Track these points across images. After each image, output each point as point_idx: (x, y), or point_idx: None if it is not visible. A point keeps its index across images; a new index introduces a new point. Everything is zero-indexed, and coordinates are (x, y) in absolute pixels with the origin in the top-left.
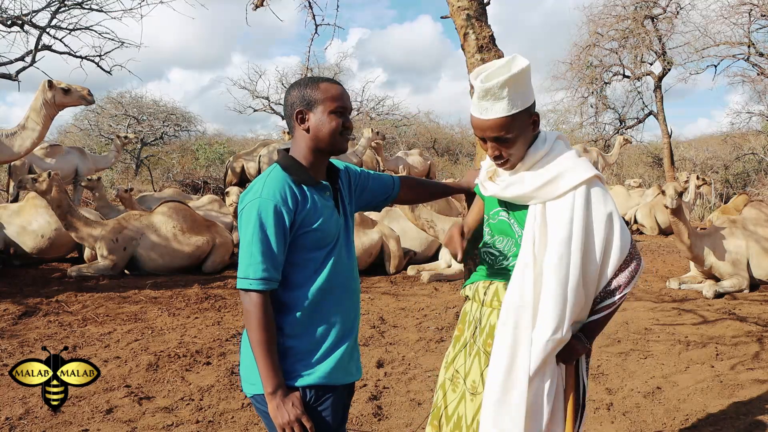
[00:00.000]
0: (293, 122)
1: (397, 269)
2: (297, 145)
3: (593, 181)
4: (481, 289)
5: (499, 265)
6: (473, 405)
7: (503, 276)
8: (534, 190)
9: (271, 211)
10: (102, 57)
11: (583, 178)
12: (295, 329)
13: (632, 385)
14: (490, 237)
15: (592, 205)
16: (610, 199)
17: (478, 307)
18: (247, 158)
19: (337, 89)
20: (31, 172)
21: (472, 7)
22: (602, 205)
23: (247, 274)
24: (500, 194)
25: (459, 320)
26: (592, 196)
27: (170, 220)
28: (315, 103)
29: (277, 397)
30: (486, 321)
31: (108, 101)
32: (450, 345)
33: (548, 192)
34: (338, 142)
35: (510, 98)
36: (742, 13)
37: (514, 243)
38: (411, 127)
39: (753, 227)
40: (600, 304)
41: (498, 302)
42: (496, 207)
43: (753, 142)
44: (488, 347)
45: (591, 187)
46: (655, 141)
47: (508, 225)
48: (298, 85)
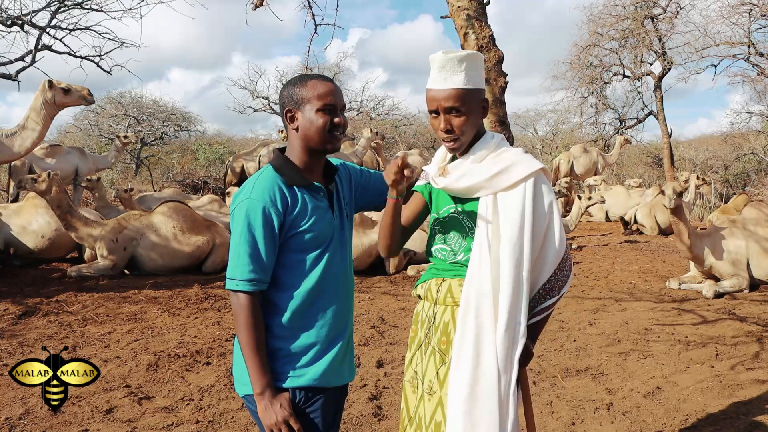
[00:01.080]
0: (285, 121)
1: (397, 269)
2: (291, 144)
3: (540, 173)
4: (434, 287)
5: (451, 260)
6: (430, 405)
7: (455, 272)
8: (487, 179)
9: (259, 212)
10: (102, 57)
11: (534, 168)
12: (285, 330)
13: (632, 385)
14: (440, 234)
15: (540, 196)
16: (552, 191)
17: (430, 306)
18: (247, 158)
19: (325, 86)
20: (31, 172)
21: (472, 7)
22: (547, 196)
23: (234, 275)
24: (452, 186)
25: (412, 321)
26: (541, 187)
27: (170, 220)
28: (303, 102)
29: (265, 397)
30: (440, 319)
31: (108, 101)
32: (408, 348)
33: (501, 182)
34: (328, 140)
35: (467, 74)
36: (742, 13)
37: (465, 237)
38: (411, 127)
39: (753, 227)
40: (540, 305)
41: (451, 299)
42: (447, 204)
43: (753, 142)
44: (442, 345)
45: (539, 178)
46: (655, 141)
47: (458, 220)
48: (289, 84)
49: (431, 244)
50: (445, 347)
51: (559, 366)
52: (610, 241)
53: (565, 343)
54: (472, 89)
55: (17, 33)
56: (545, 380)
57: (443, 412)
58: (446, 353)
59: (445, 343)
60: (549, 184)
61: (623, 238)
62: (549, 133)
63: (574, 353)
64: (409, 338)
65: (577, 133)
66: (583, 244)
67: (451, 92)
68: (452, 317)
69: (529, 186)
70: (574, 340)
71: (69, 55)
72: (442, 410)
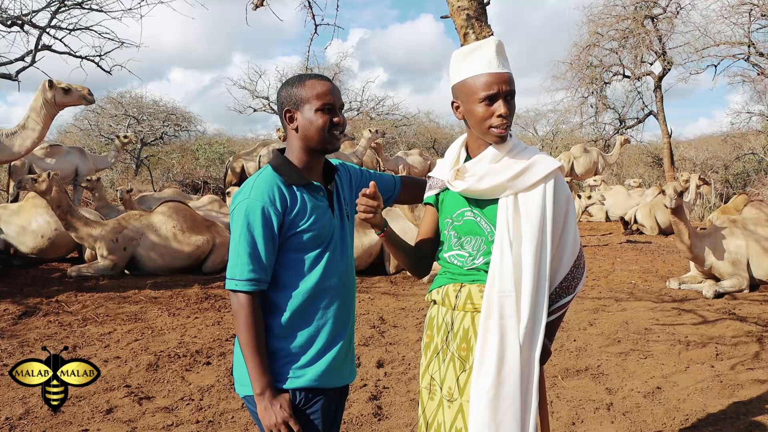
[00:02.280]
0: (284, 122)
1: (397, 269)
2: (290, 144)
3: (558, 172)
4: (452, 292)
5: (469, 266)
6: (450, 411)
7: (474, 278)
8: (509, 179)
9: (258, 212)
10: (102, 57)
11: (553, 167)
12: (285, 330)
13: (632, 385)
14: (456, 240)
15: (559, 194)
16: (568, 189)
17: (448, 311)
18: (247, 158)
19: (323, 86)
20: (31, 172)
21: (472, 7)
22: (564, 195)
23: (234, 275)
24: (475, 187)
25: (426, 326)
26: (559, 186)
27: (170, 220)
28: (302, 102)
29: (265, 398)
30: (459, 325)
31: (108, 101)
32: (422, 353)
33: (523, 182)
34: (327, 139)
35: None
36: (742, 13)
37: (484, 241)
38: (411, 127)
39: (753, 227)
40: (557, 303)
41: (471, 305)
42: (460, 208)
43: (753, 142)
44: (462, 351)
45: (557, 177)
46: (655, 141)
47: (475, 224)
48: (287, 84)
49: (444, 249)
50: (465, 354)
51: (559, 366)
52: (610, 241)
53: (565, 343)
54: None
55: (17, 33)
56: (545, 380)
57: (464, 419)
58: (466, 360)
59: (465, 350)
60: (564, 182)
61: (623, 238)
62: (549, 133)
63: (574, 353)
64: (423, 344)
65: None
66: (584, 244)
67: (510, 76)
68: (472, 323)
69: (549, 185)
70: (574, 340)
71: (69, 55)
72: (463, 417)
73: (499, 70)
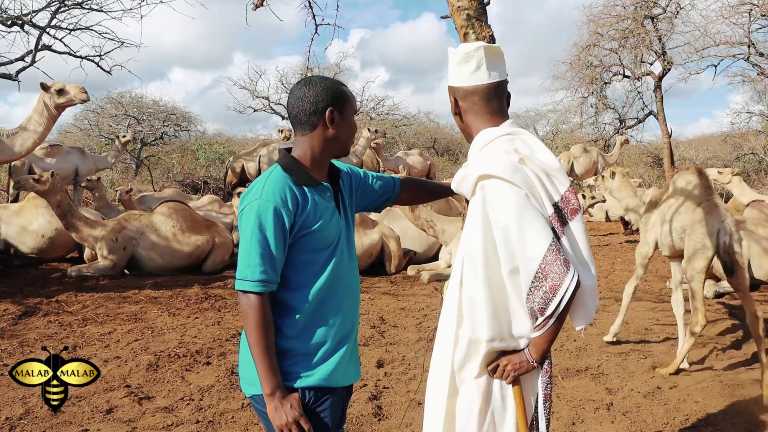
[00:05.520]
0: (316, 119)
1: (397, 269)
2: (305, 144)
3: (488, 179)
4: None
5: None
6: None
7: None
8: (456, 186)
9: (270, 212)
10: (102, 57)
11: (478, 173)
12: (294, 330)
13: (632, 385)
14: None
15: (487, 207)
16: (507, 200)
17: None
18: (247, 158)
19: (352, 94)
20: (31, 172)
21: (472, 7)
22: (500, 210)
23: (245, 276)
24: (455, 188)
25: None
26: (487, 197)
27: (170, 220)
28: (344, 105)
29: (275, 398)
30: None
31: (108, 101)
32: None
33: (464, 189)
34: (350, 145)
35: None
36: (742, 13)
37: None
38: (411, 127)
39: (753, 227)
40: (539, 320)
41: None
42: None
43: (753, 142)
44: None
45: (486, 186)
46: (655, 141)
47: None
48: (324, 81)
49: None
50: None
51: (559, 366)
52: (610, 241)
53: (565, 343)
54: None
55: (17, 33)
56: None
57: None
58: None
59: None
60: (504, 193)
61: (623, 238)
62: (549, 133)
63: (574, 353)
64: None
65: (577, 133)
66: None
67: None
68: None
69: (478, 193)
70: (574, 340)
71: (69, 55)
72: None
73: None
